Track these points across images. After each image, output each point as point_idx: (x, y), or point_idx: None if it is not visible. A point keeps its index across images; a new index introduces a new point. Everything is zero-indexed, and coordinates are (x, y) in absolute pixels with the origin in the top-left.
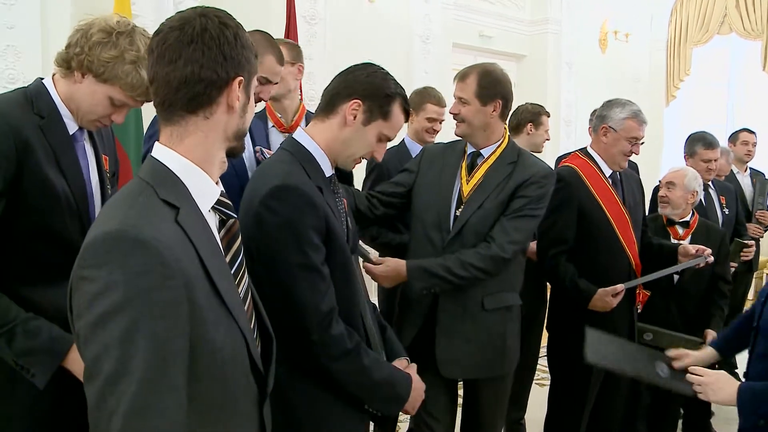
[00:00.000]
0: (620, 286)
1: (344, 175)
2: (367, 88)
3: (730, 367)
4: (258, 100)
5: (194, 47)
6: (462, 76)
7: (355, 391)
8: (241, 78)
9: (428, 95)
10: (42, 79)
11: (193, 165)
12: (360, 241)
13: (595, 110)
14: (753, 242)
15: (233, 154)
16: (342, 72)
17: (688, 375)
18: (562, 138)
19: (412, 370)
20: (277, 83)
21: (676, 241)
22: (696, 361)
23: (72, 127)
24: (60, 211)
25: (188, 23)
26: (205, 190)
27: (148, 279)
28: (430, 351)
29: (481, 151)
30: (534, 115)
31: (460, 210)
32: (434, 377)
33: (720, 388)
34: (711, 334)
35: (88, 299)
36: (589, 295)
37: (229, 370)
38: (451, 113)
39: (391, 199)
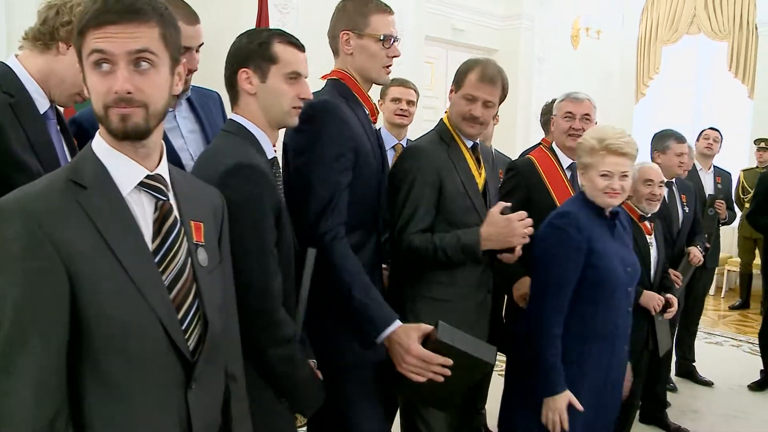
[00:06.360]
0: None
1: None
2: (241, 52)
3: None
4: (188, 71)
5: None
6: (490, 80)
7: (279, 381)
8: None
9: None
10: (1, 62)
11: (110, 147)
12: None
13: (542, 107)
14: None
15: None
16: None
17: None
18: (532, 133)
19: (319, 374)
20: (197, 45)
21: (647, 237)
22: None
23: (43, 106)
24: None
25: None
26: (125, 172)
27: (14, 247)
28: None
29: (476, 142)
30: None
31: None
32: None
33: None
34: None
35: None
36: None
37: (134, 347)
38: (475, 118)
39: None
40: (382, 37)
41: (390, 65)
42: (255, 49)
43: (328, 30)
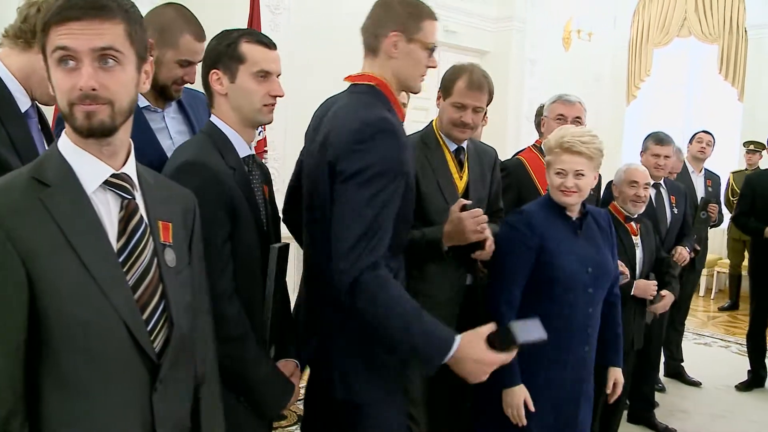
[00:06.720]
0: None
1: None
2: (211, 54)
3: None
4: (183, 83)
5: None
6: (478, 87)
7: (228, 379)
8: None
9: None
10: None
11: (75, 146)
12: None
13: (537, 109)
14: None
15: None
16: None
17: None
18: (523, 134)
19: (297, 377)
20: (199, 60)
21: (633, 238)
22: None
23: (24, 105)
24: None
25: None
26: (90, 170)
27: None
28: None
29: (461, 145)
30: None
31: None
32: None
33: None
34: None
35: None
36: None
37: (97, 348)
38: (466, 124)
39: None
40: (431, 46)
41: (425, 75)
42: (223, 50)
43: (368, 26)
